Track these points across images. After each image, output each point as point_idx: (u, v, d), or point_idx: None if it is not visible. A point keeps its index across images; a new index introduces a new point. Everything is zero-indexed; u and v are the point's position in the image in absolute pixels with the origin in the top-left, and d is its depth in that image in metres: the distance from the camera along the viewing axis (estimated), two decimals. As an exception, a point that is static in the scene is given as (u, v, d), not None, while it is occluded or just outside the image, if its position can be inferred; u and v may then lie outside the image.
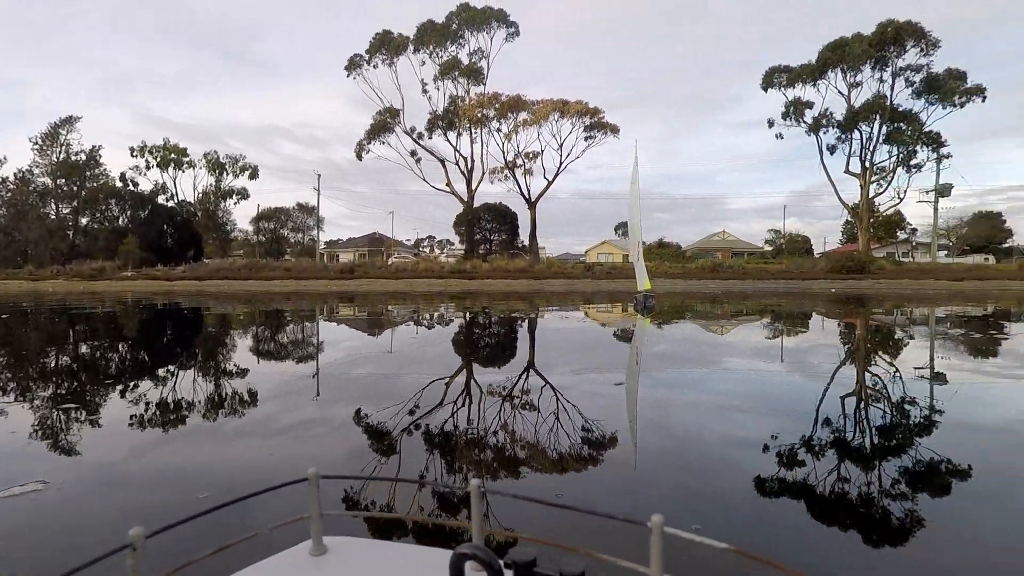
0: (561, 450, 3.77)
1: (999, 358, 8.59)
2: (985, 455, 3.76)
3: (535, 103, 46.63)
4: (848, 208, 48.32)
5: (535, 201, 48.87)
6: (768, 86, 47.01)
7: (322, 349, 9.32)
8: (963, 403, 5.37)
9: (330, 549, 1.10)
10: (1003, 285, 34.82)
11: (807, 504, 2.95)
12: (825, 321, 15.11)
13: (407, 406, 4.92)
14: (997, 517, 2.82)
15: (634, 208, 20.05)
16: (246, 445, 3.93)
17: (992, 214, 66.47)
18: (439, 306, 20.01)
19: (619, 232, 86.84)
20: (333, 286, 36.40)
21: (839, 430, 4.34)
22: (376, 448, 3.82)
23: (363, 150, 48.76)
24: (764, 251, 67.52)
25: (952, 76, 42.96)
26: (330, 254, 68.63)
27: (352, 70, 47.77)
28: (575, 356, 8.61)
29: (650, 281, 19.28)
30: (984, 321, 15.08)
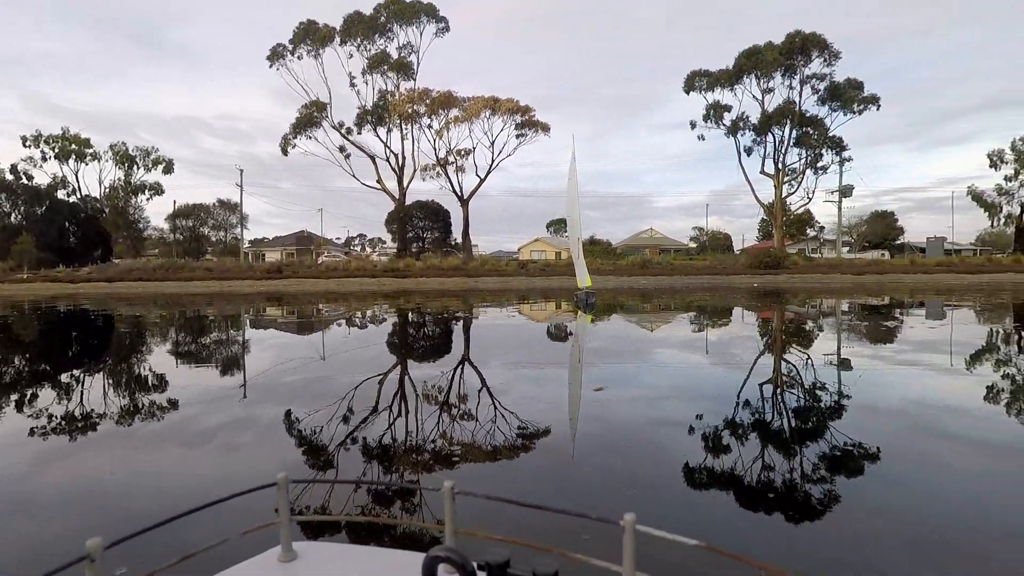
0: (512, 443, 3.82)
1: (894, 344, 9.45)
2: (886, 434, 4.15)
3: (466, 100, 46.45)
4: (764, 207, 51.40)
5: (468, 199, 48.73)
6: (690, 89, 49.10)
7: (250, 352, 8.92)
8: (866, 387, 5.90)
9: (300, 554, 1.08)
10: (898, 279, 38.28)
11: (732, 485, 3.18)
12: (754, 314, 16.04)
13: (354, 408, 4.82)
14: (900, 491, 3.12)
15: (572, 204, 19.65)
16: (163, 460, 3.72)
17: (887, 213, 72.71)
18: (374, 305, 19.59)
19: (551, 229, 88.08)
20: (260, 286, 34.78)
21: (761, 415, 4.65)
22: (314, 455, 3.73)
23: (289, 145, 46.80)
24: (689, 248, 70.52)
25: (851, 85, 46.57)
26: (255, 253, 65.45)
27: (275, 61, 45.67)
28: (525, 354, 8.69)
29: (578, 279, 19.35)
30: (882, 312, 16.53)
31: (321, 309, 18.47)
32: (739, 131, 48.63)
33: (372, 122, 46.77)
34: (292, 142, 46.59)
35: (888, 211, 72.81)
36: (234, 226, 66.88)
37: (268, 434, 4.24)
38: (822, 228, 66.83)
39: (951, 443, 3.97)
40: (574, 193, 19.45)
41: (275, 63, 45.77)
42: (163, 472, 3.46)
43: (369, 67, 45.93)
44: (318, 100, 46.20)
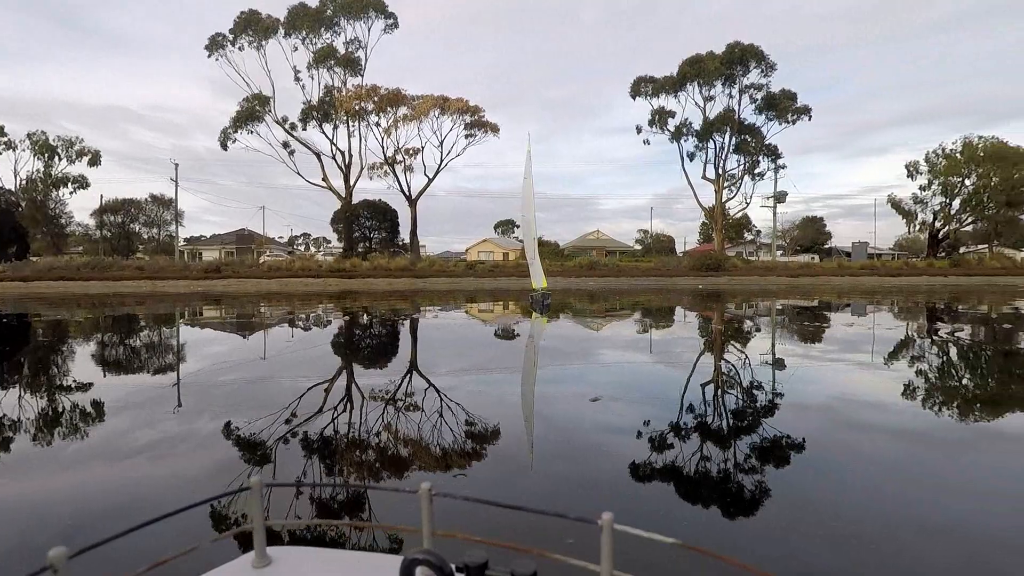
0: (474, 448, 3.80)
1: (823, 344, 10.00)
2: (813, 429, 4.40)
3: (415, 98, 45.88)
4: (705, 211, 53.33)
5: (416, 198, 48.16)
6: (636, 95, 50.38)
7: (184, 357, 8.51)
8: (798, 383, 6.24)
9: (275, 560, 1.06)
10: (828, 281, 40.56)
11: (674, 480, 3.29)
12: (700, 315, 16.58)
13: (299, 413, 4.67)
14: (827, 483, 3.32)
15: (528, 204, 19.21)
16: (87, 475, 3.50)
17: (817, 219, 76.91)
18: (319, 307, 19.06)
19: (499, 230, 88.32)
20: (197, 287, 33.20)
21: (704, 414, 4.83)
22: (252, 460, 3.60)
23: (228, 139, 44.86)
24: (635, 250, 72.28)
25: (786, 96, 48.99)
26: (192, 252, 62.44)
27: (214, 51, 43.69)
28: (485, 358, 8.66)
29: (533, 280, 18.78)
30: (813, 312, 17.46)
31: (263, 310, 17.83)
32: (682, 137, 50.25)
33: (318, 118, 45.53)
34: (232, 136, 44.73)
35: (818, 217, 77.06)
36: (168, 223, 63.58)
37: (201, 446, 4.06)
38: (759, 232, 69.91)
39: (870, 435, 4.26)
40: (530, 192, 18.96)
41: (214, 53, 43.84)
42: (77, 494, 3.25)
43: (315, 61, 44.70)
44: (260, 93, 44.57)
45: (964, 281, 39.45)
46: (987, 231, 53.10)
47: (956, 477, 3.44)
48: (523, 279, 40.54)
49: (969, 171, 49.63)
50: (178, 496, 2.80)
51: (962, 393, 5.85)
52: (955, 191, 50.60)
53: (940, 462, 3.76)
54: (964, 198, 50.62)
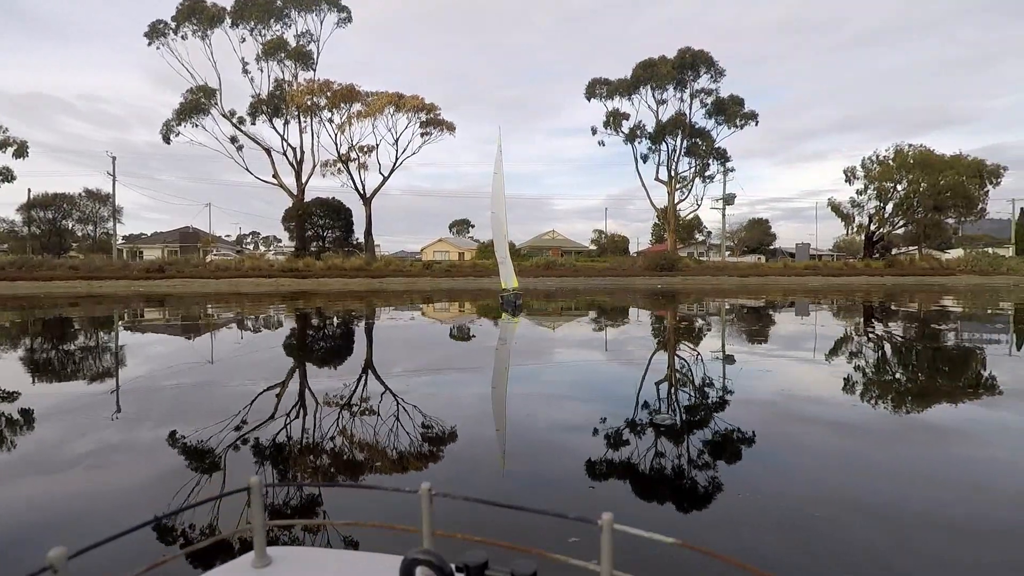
0: (447, 451, 3.76)
1: (768, 343, 10.40)
2: (760, 423, 4.57)
3: (370, 95, 45.11)
4: (658, 212, 54.62)
5: (371, 197, 47.32)
6: (591, 96, 51.13)
7: (124, 363, 8.09)
8: (746, 379, 6.48)
9: (274, 560, 1.05)
10: (775, 280, 42.25)
11: (630, 477, 3.36)
12: (673, 314, 16.89)
13: (248, 420, 4.50)
14: (773, 475, 3.45)
15: (498, 200, 18.29)
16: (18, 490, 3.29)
17: (762, 221, 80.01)
18: (271, 308, 18.48)
19: (454, 230, 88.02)
20: (138, 287, 31.62)
21: (658, 411, 4.94)
22: (200, 468, 3.45)
23: (171, 132, 42.92)
24: (590, 250, 73.28)
25: (734, 101, 50.69)
26: (132, 250, 59.49)
27: (155, 38, 41.66)
28: (467, 364, 8.56)
29: (503, 280, 18.12)
30: (763, 311, 18.15)
31: (211, 312, 17.16)
32: (636, 139, 51.28)
33: (267, 113, 44.17)
34: (176, 130, 42.89)
35: (763, 219, 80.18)
36: (105, 220, 60.34)
37: (142, 456, 3.87)
38: (709, 233, 72.11)
39: (813, 427, 4.46)
40: (500, 189, 18.06)
41: (155, 41, 41.89)
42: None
43: (264, 53, 43.35)
44: (206, 85, 42.89)
45: (899, 281, 41.85)
46: (916, 234, 56.39)
47: (887, 463, 3.64)
48: (480, 279, 40.50)
49: (900, 177, 52.61)
50: (116, 511, 2.68)
51: (899, 386, 6.19)
52: (888, 196, 53.54)
53: (873, 450, 3.97)
54: (896, 202, 53.63)
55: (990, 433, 4.34)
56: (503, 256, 18.34)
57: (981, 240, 63.34)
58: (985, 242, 62.65)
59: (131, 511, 2.68)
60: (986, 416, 4.83)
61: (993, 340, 10.33)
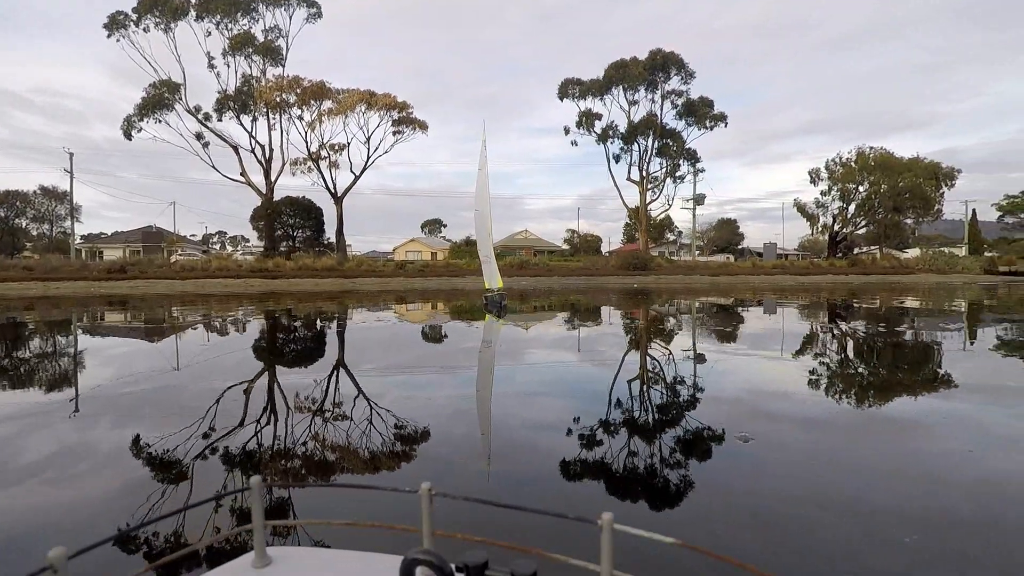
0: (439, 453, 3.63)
1: (738, 342, 10.53)
2: (729, 419, 4.62)
3: (341, 92, 44.33)
4: (630, 211, 55.15)
5: (342, 196, 46.51)
6: (564, 96, 51.29)
7: (84, 366, 7.70)
8: (718, 376, 6.64)
9: (275, 560, 1.06)
10: (745, 279, 43.06)
11: (605, 473, 3.42)
12: (650, 315, 16.98)
13: (217, 426, 4.29)
14: (744, 470, 3.51)
15: (483, 197, 17.58)
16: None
17: (731, 221, 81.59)
18: (241, 309, 17.95)
19: (426, 230, 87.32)
20: (99, 288, 30.43)
21: (640, 408, 4.90)
22: (165, 479, 3.26)
23: (133, 128, 41.37)
24: (563, 249, 73.54)
25: (704, 103, 51.48)
26: (91, 250, 57.24)
27: (115, 30, 40.06)
28: (457, 369, 8.37)
29: (487, 280, 17.51)
30: (734, 310, 18.42)
31: (176, 314, 16.58)
32: (609, 139, 51.64)
33: (235, 109, 43.00)
34: (138, 125, 41.39)
35: (732, 219, 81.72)
36: (62, 218, 58.08)
37: (100, 466, 3.65)
38: (680, 233, 73.13)
39: (781, 424, 4.55)
40: (485, 185, 17.40)
41: (115, 33, 40.31)
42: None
43: (231, 48, 42.19)
44: (170, 80, 41.53)
45: (864, 279, 43.14)
46: (877, 234, 58.21)
47: (849, 457, 3.76)
48: (454, 279, 40.23)
49: (862, 178, 54.24)
50: (78, 521, 2.50)
51: (874, 381, 6.31)
52: (851, 197, 55.13)
53: (836, 444, 4.09)
54: (859, 203, 55.27)
55: (949, 425, 4.49)
56: (487, 255, 17.72)
57: (936, 240, 65.73)
58: (940, 242, 65.11)
59: (86, 520, 2.50)
60: (949, 408, 4.94)
61: (958, 334, 10.68)
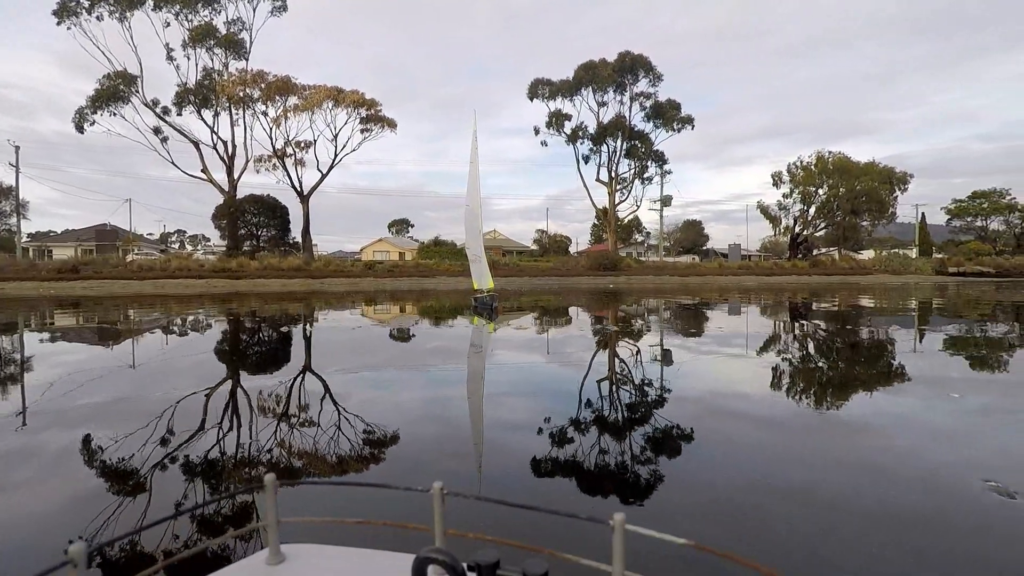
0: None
1: (711, 343, 10.61)
2: (695, 418, 4.73)
3: (307, 88, 43.27)
4: (599, 212, 55.59)
5: (308, 194, 45.41)
6: (533, 96, 51.34)
7: (29, 374, 7.18)
8: (684, 377, 6.70)
9: (288, 557, 1.08)
10: (713, 280, 43.94)
11: (575, 471, 3.45)
12: (632, 313, 16.93)
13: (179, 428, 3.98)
14: (712, 468, 3.58)
15: (473, 192, 16.58)
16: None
17: (696, 222, 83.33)
18: (200, 310, 17.23)
19: (393, 230, 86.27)
20: (48, 289, 28.92)
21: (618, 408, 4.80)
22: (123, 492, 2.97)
23: (85, 121, 39.47)
24: (532, 250, 73.66)
25: (671, 106, 52.25)
26: (39, 249, 54.50)
27: (65, 17, 38.10)
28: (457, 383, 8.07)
29: (476, 280, 16.45)
30: (699, 309, 18.65)
31: (132, 315, 15.79)
32: (578, 139, 51.92)
33: (195, 103, 41.56)
34: (90, 118, 39.59)
35: (697, 220, 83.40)
36: (7, 215, 55.17)
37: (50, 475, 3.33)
38: (648, 234, 74.15)
39: (741, 421, 4.66)
40: (476, 179, 16.44)
41: (65, 21, 38.41)
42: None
43: (192, 40, 40.75)
44: (125, 71, 39.84)
45: (825, 280, 44.52)
46: (836, 236, 60.16)
47: (806, 454, 3.89)
48: (424, 279, 39.82)
49: (821, 182, 55.96)
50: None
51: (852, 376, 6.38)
52: (811, 199, 56.81)
53: (792, 442, 4.20)
54: (818, 206, 57.00)
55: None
56: (477, 254, 16.87)
57: (888, 242, 68.40)
58: (891, 244, 67.78)
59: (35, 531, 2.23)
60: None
61: (922, 331, 11.02)
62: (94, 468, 3.55)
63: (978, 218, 72.04)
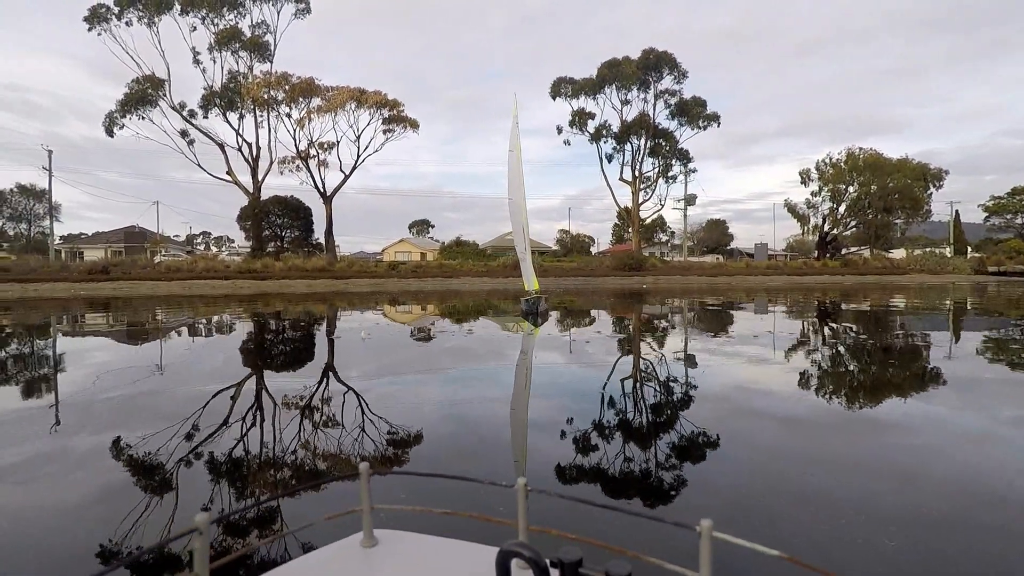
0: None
1: (746, 345, 10.01)
2: (720, 420, 4.58)
3: (330, 89, 43.35)
4: (621, 211, 54.77)
5: (332, 195, 45.50)
6: (556, 95, 50.70)
7: (62, 377, 6.95)
8: (709, 378, 6.47)
9: (380, 541, 1.14)
10: (743, 280, 42.78)
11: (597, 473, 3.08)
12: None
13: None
14: (737, 469, 3.37)
15: (516, 183, 15.03)
16: None
17: (720, 221, 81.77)
18: (230, 311, 17.11)
19: (414, 230, 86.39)
20: (80, 290, 29.28)
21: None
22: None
23: (115, 124, 40.05)
24: (555, 250, 73.06)
25: (696, 103, 51.23)
26: (71, 251, 55.61)
27: (96, 23, 38.73)
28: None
29: (525, 281, 14.90)
30: (725, 312, 17.97)
31: (161, 317, 15.70)
32: (602, 138, 51.21)
33: (221, 106, 41.90)
34: (119, 122, 40.14)
35: (721, 219, 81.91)
36: (41, 218, 56.44)
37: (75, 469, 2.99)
38: (673, 233, 73.01)
39: (769, 423, 4.52)
40: (518, 168, 14.95)
41: (96, 26, 39.04)
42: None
43: (217, 43, 41.11)
44: (153, 75, 40.34)
45: (860, 280, 43.13)
46: (867, 234, 58.43)
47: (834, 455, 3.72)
48: (448, 279, 39.49)
49: (852, 179, 54.39)
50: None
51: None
52: (841, 197, 55.26)
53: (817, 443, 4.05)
54: (849, 204, 55.41)
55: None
56: (524, 251, 15.25)
57: (919, 241, 66.24)
58: (923, 242, 65.63)
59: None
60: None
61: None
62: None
63: (1017, 215, 69.44)
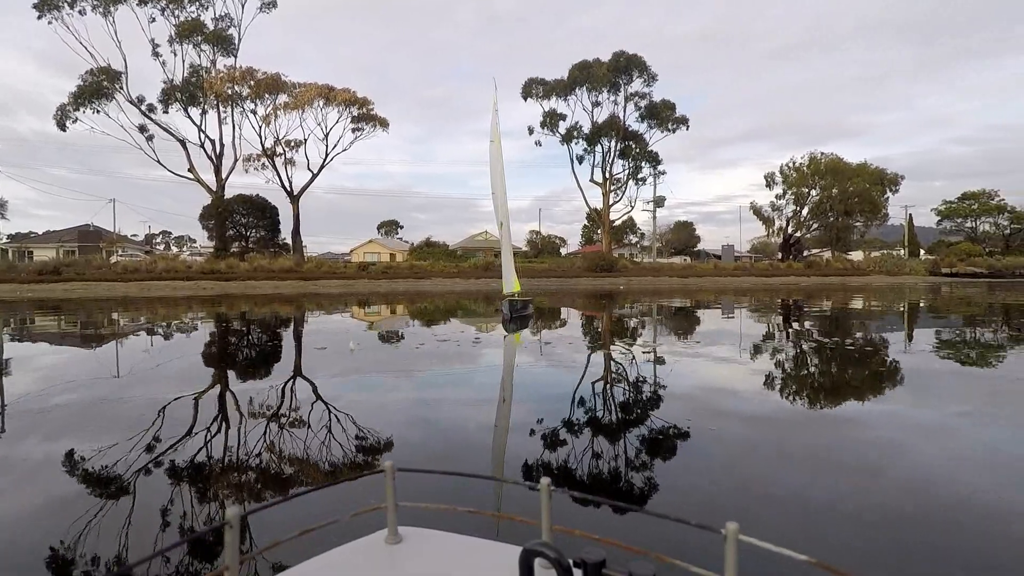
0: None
1: (713, 345, 10.03)
2: (686, 416, 4.68)
3: (297, 86, 42.30)
4: (592, 213, 55.06)
5: (299, 194, 44.39)
6: (527, 96, 50.63)
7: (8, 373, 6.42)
8: (677, 376, 6.59)
9: (405, 538, 1.15)
10: (712, 281, 43.44)
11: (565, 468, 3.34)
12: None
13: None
14: (703, 465, 3.50)
15: (496, 174, 14.37)
16: None
17: (688, 223, 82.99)
18: (187, 314, 16.38)
19: (383, 231, 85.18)
20: (28, 291, 27.78)
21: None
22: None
23: (68, 118, 38.15)
24: (525, 251, 73.01)
25: (665, 106, 51.87)
26: (19, 250, 52.82)
27: (46, 11, 36.81)
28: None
29: (504, 283, 14.26)
30: (693, 311, 18.13)
31: (117, 319, 14.91)
32: (573, 139, 51.34)
33: (182, 100, 40.40)
34: (72, 115, 38.32)
35: (688, 221, 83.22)
36: (-14, 216, 53.36)
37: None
38: (642, 235, 73.79)
39: (732, 420, 4.65)
40: (498, 159, 14.35)
41: (47, 14, 37.15)
42: None
43: (178, 35, 39.62)
44: (109, 67, 38.62)
45: (824, 281, 44.30)
46: (829, 237, 60.14)
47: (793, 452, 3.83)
48: (420, 280, 38.90)
49: (814, 183, 55.93)
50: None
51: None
52: (804, 200, 56.75)
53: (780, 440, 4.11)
54: (811, 207, 56.96)
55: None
56: (507, 250, 14.63)
57: (875, 243, 68.53)
58: (878, 245, 67.97)
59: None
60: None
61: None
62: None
63: (967, 219, 72.54)
